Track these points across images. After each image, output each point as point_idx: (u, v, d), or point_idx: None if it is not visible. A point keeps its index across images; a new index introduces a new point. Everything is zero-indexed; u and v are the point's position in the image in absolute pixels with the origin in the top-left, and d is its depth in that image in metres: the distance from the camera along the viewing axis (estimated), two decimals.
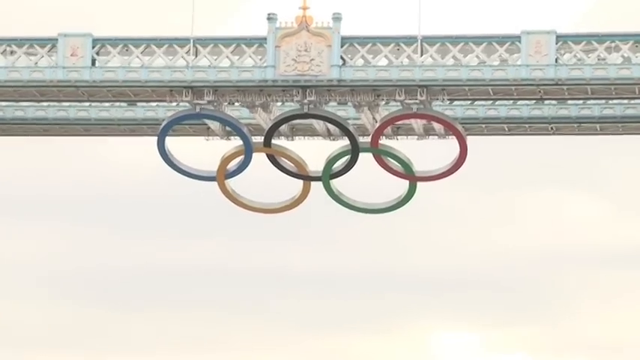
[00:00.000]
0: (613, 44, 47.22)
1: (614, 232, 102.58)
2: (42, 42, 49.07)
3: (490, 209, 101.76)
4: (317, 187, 48.08)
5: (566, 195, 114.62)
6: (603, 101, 49.56)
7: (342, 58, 46.83)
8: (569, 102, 49.79)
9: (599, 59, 46.87)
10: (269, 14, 47.30)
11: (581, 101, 49.68)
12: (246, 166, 47.21)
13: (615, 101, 49.69)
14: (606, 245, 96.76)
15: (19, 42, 49.68)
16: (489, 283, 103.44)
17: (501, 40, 47.20)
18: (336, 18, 47.21)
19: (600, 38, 47.40)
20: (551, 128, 51.25)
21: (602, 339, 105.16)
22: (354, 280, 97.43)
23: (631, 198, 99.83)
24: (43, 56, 48.54)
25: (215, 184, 47.96)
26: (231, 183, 48.34)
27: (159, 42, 48.57)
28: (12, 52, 49.15)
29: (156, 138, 47.56)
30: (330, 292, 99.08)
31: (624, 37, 47.48)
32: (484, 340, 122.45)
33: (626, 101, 49.64)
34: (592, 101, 49.76)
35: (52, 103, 52.15)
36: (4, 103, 51.86)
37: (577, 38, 47.52)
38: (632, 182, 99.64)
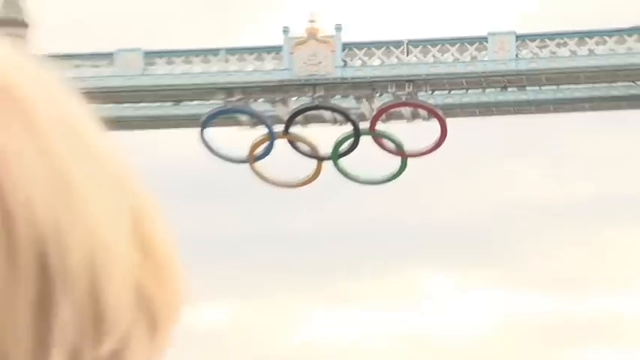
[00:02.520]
0: (562, 41, 47.17)
1: (561, 191, 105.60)
2: (103, 56, 49.49)
3: (462, 177, 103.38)
4: (327, 165, 47.39)
5: (523, 163, 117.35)
6: (555, 87, 48.94)
7: (343, 60, 46.94)
8: (528, 88, 48.92)
9: (551, 53, 46.94)
10: (284, 27, 47.63)
11: (537, 87, 48.92)
12: (271, 150, 46.52)
13: (565, 86, 48.95)
14: (552, 202, 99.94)
15: (87, 57, 49.51)
16: (464, 234, 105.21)
17: (471, 40, 47.35)
18: (338, 28, 47.50)
19: (551, 36, 47.53)
20: (514, 110, 50.60)
21: (550, 276, 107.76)
22: (355, 235, 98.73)
23: (574, 164, 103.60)
24: (104, 67, 48.91)
25: (247, 166, 47.47)
26: (260, 165, 47.73)
27: (197, 53, 48.96)
28: (78, 66, 49.73)
29: (197, 130, 47.05)
30: (338, 244, 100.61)
31: (571, 34, 47.51)
32: (459, 279, 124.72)
33: (573, 86, 48.95)
34: (546, 87, 49.02)
35: (111, 104, 51.35)
36: None
37: (532, 37, 47.65)
38: (576, 152, 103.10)
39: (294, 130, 47.14)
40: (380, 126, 46.33)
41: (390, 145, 46.49)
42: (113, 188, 0.41)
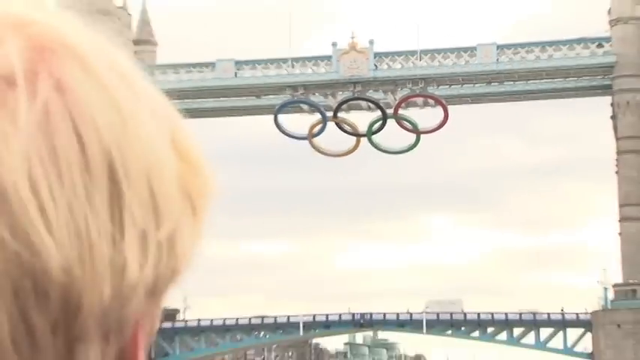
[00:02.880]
0: (529, 49, 50.09)
1: (530, 156, 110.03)
2: (207, 64, 52.38)
3: (460, 147, 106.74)
4: (363, 140, 48.15)
5: (503, 137, 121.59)
6: (525, 82, 51.33)
7: (374, 65, 49.29)
8: (505, 83, 51.63)
9: (521, 58, 49.47)
10: (333, 42, 50.30)
11: (512, 82, 51.39)
12: (324, 129, 47.53)
13: (532, 81, 51.29)
14: (524, 164, 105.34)
15: (195, 65, 52.75)
16: (460, 188, 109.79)
17: (465, 49, 50.14)
18: (370, 42, 50.11)
19: (521, 45, 50.38)
20: (496, 99, 53.95)
21: (524, 218, 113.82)
22: (382, 190, 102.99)
23: (539, 137, 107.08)
24: (207, 72, 51.88)
25: (306, 141, 48.38)
26: (315, 140, 48.50)
27: (272, 61, 51.07)
28: (189, 71, 52.11)
29: (272, 116, 48.28)
30: (369, 196, 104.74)
31: (536, 44, 50.32)
32: (457, 221, 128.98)
33: (537, 81, 51.29)
34: (518, 82, 51.41)
35: (212, 98, 53.95)
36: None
37: (508, 46, 50.51)
38: (541, 128, 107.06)
39: (340, 115, 48.24)
40: (401, 111, 47.74)
41: (408, 125, 47.43)
42: (155, 112, 0.43)
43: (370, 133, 47.12)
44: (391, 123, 46.44)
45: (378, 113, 47.14)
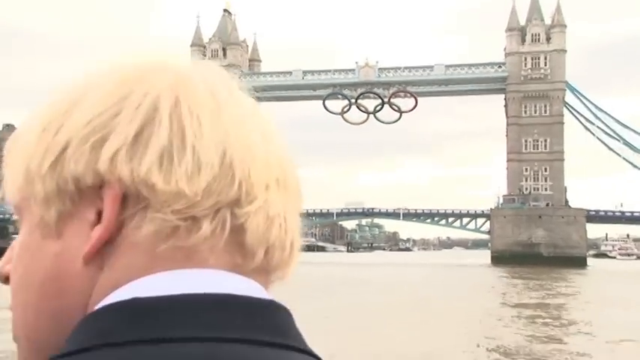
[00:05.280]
0: (463, 68, 59.90)
1: (459, 126, 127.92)
2: (288, 72, 61.26)
3: (422, 121, 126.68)
4: (371, 117, 56.91)
5: (445, 116, 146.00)
6: (460, 85, 60.12)
7: (378, 74, 59.99)
8: (450, 85, 60.44)
9: (459, 72, 59.57)
10: (356, 62, 61.19)
11: (453, 85, 60.13)
12: (350, 109, 56.58)
13: (463, 85, 59.95)
14: (456, 130, 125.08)
15: (281, 73, 60.78)
16: (424, 139, 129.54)
17: (428, 67, 60.51)
18: (376, 62, 60.67)
19: (459, 65, 60.26)
20: (444, 94, 62.27)
21: (455, 160, 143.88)
22: (380, 139, 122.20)
23: (465, 115, 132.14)
24: (287, 76, 60.74)
25: (339, 116, 57.16)
26: (345, 115, 57.68)
27: (325, 72, 60.98)
28: (277, 76, 61.21)
29: (321, 101, 57.49)
30: (371, 144, 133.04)
31: (468, 65, 60.20)
32: (419, 160, 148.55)
33: (467, 85, 59.81)
34: (456, 85, 60.11)
35: (290, 91, 61.88)
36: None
37: (452, 66, 60.19)
38: (469, 110, 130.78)
39: (359, 101, 57.63)
40: (392, 100, 56.43)
41: (395, 108, 56.41)
42: (248, 109, 0.44)
43: (375, 111, 56.78)
44: (386, 107, 56.05)
45: (379, 101, 56.71)
